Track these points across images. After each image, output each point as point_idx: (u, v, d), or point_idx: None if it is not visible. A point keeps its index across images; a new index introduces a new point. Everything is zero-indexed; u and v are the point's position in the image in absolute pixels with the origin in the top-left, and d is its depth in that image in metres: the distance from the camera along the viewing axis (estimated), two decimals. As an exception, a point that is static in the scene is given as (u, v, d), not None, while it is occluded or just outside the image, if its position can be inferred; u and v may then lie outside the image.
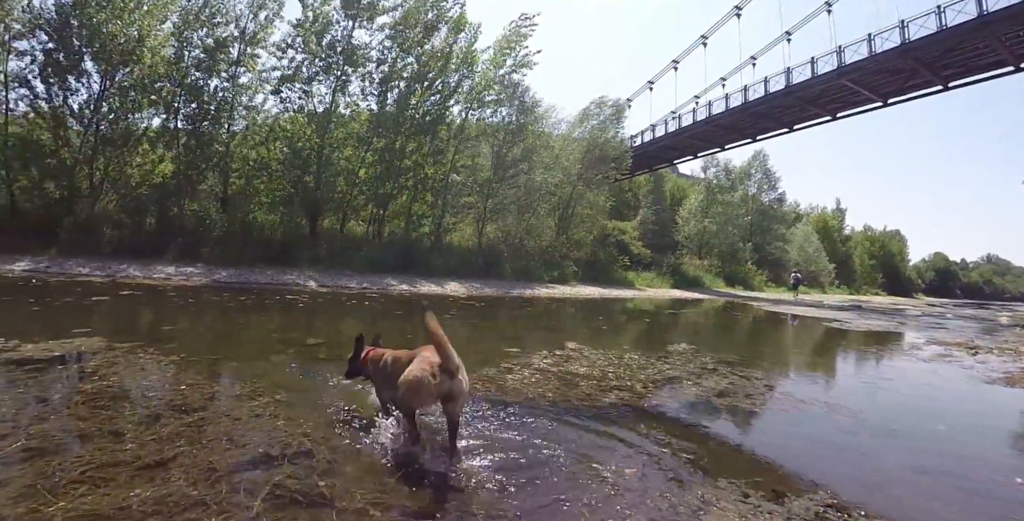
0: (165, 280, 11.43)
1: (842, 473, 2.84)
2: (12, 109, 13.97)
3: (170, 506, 1.88)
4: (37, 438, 2.42)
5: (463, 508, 2.04)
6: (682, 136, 30.94)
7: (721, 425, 3.64)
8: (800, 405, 4.27)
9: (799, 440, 3.45)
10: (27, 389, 3.17)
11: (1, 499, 1.88)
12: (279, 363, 4.46)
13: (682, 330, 10.87)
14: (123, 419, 2.73)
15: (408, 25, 17.63)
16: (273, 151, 17.06)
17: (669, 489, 2.35)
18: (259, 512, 1.88)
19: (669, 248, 34.05)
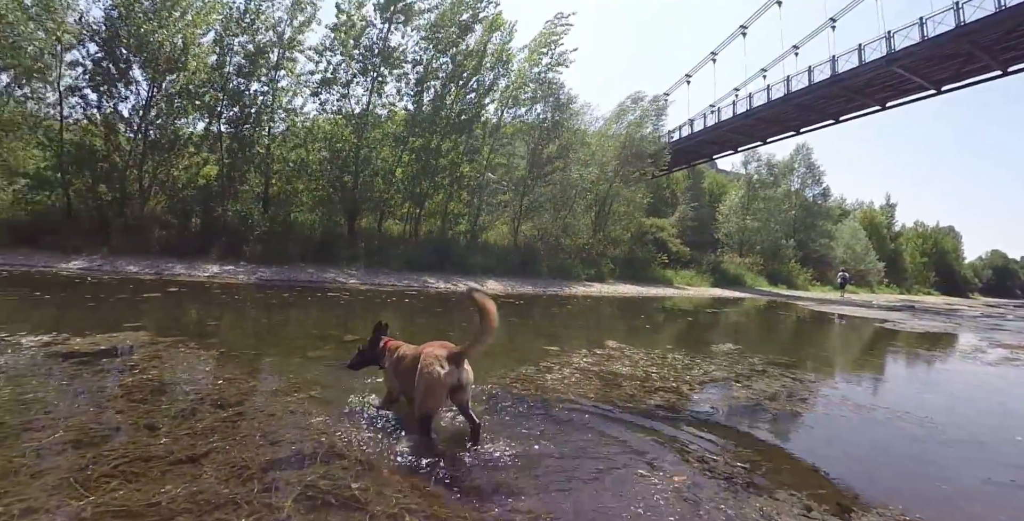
0: (210, 278, 11.72)
1: (913, 486, 2.60)
2: (67, 117, 14.56)
3: (200, 504, 1.82)
4: (75, 430, 2.41)
5: (502, 516, 1.91)
6: (721, 130, 30.07)
7: (776, 431, 3.40)
8: (860, 410, 3.99)
9: (862, 448, 3.17)
10: (71, 382, 3.21)
11: (35, 491, 1.86)
12: (316, 358, 4.45)
13: (725, 330, 10.51)
14: (159, 413, 2.71)
15: (443, 25, 17.63)
16: (312, 152, 17.34)
17: (724, 500, 2.17)
18: (290, 513, 1.80)
19: (709, 245, 33.19)
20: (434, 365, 2.53)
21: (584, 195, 23.59)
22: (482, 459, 2.39)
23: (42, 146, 14.59)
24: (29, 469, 2.01)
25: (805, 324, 12.83)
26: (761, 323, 12.71)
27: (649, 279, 22.97)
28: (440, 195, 19.59)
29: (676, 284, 23.99)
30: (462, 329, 7.24)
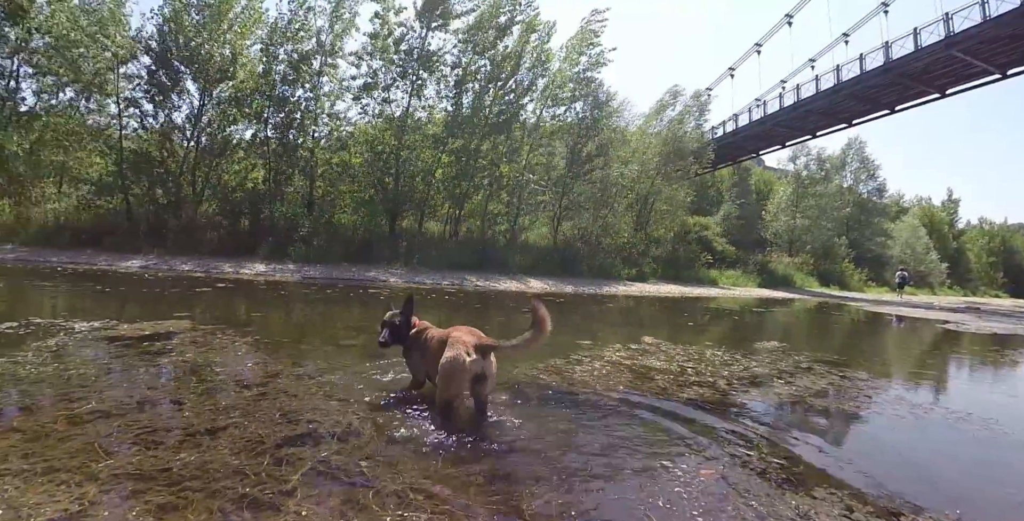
0: (257, 276, 12.11)
1: (975, 490, 2.37)
2: (125, 126, 15.46)
3: (209, 472, 1.83)
4: (107, 402, 2.50)
5: (510, 502, 1.83)
6: (767, 124, 28.90)
7: (819, 428, 3.15)
8: (916, 411, 3.66)
9: (916, 449, 2.92)
10: (111, 361, 3.35)
11: (59, 452, 1.93)
12: (348, 347, 4.50)
13: (771, 329, 10.07)
14: (187, 390, 2.79)
15: (481, 28, 17.75)
16: (354, 155, 17.74)
17: (755, 496, 2.01)
18: (296, 486, 1.78)
19: (755, 245, 32.08)
20: (460, 351, 2.50)
21: (625, 194, 23.23)
22: (501, 445, 2.33)
23: (103, 154, 15.52)
24: (59, 434, 2.10)
25: (859, 324, 12.16)
26: (810, 323, 12.15)
27: (692, 279, 22.37)
28: (480, 195, 19.70)
29: (721, 284, 23.29)
30: (500, 325, 7.23)
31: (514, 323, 7.76)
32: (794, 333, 9.74)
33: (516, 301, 11.11)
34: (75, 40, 14.19)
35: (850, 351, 7.12)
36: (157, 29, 15.03)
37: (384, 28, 16.73)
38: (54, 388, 2.68)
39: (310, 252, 14.81)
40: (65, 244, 13.58)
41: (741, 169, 38.60)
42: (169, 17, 14.70)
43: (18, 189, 15.86)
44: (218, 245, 14.67)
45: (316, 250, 14.93)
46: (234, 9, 15.13)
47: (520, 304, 10.48)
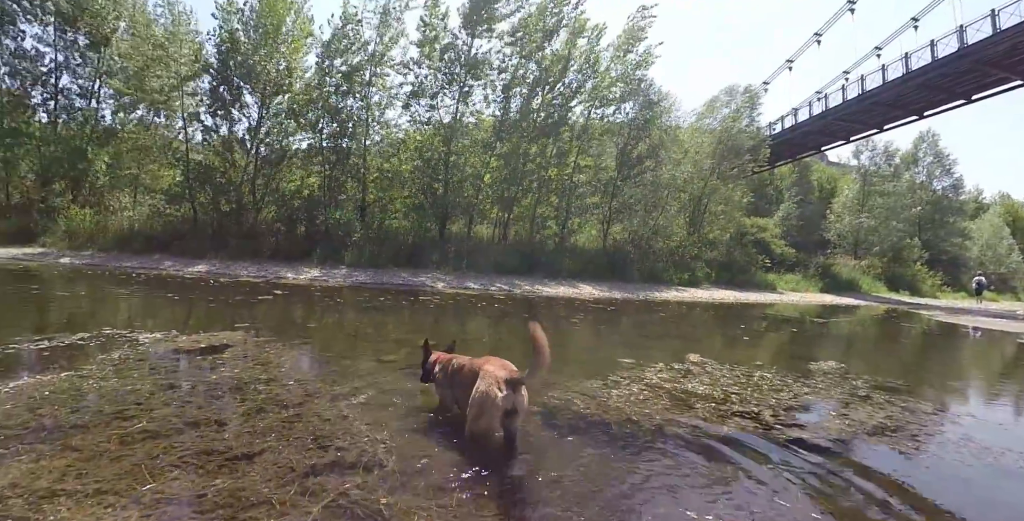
0: (312, 281, 12.58)
1: None
2: (191, 139, 16.50)
3: (240, 500, 1.95)
4: (156, 422, 2.68)
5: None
6: (829, 118, 27.36)
7: (867, 473, 2.85)
8: (984, 454, 3.25)
9: (977, 503, 2.60)
10: (165, 376, 3.59)
11: (109, 474, 2.10)
12: (387, 363, 4.60)
13: (830, 343, 9.53)
14: (230, 410, 2.94)
15: (527, 32, 17.78)
16: (404, 162, 18.15)
17: None
18: (315, 518, 1.85)
19: (817, 246, 30.60)
20: (492, 386, 2.54)
21: (677, 195, 22.73)
22: (528, 485, 2.33)
23: (172, 166, 16.55)
24: (110, 454, 2.28)
25: (930, 338, 11.34)
26: (874, 336, 11.46)
27: (749, 284, 21.59)
28: (528, 199, 19.74)
29: (779, 289, 22.37)
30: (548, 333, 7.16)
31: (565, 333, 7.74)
32: (855, 348, 9.24)
33: (566, 308, 11.09)
34: (147, 63, 15.26)
35: (916, 373, 6.67)
36: (216, 48, 15.95)
37: (430, 35, 17.04)
38: (111, 405, 2.90)
39: (362, 257, 15.25)
40: (138, 249, 14.59)
41: (802, 166, 37.00)
42: (225, 38, 15.54)
43: (98, 199, 17.20)
44: (276, 250, 15.37)
45: (367, 255, 15.35)
46: (285, 25, 15.77)
47: (570, 312, 10.45)
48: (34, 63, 17.17)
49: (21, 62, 17.00)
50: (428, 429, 2.88)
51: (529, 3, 18.01)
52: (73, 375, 3.41)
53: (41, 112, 18.04)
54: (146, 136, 17.33)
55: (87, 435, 2.46)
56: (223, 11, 15.52)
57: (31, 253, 13.95)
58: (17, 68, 17.04)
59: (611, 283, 17.23)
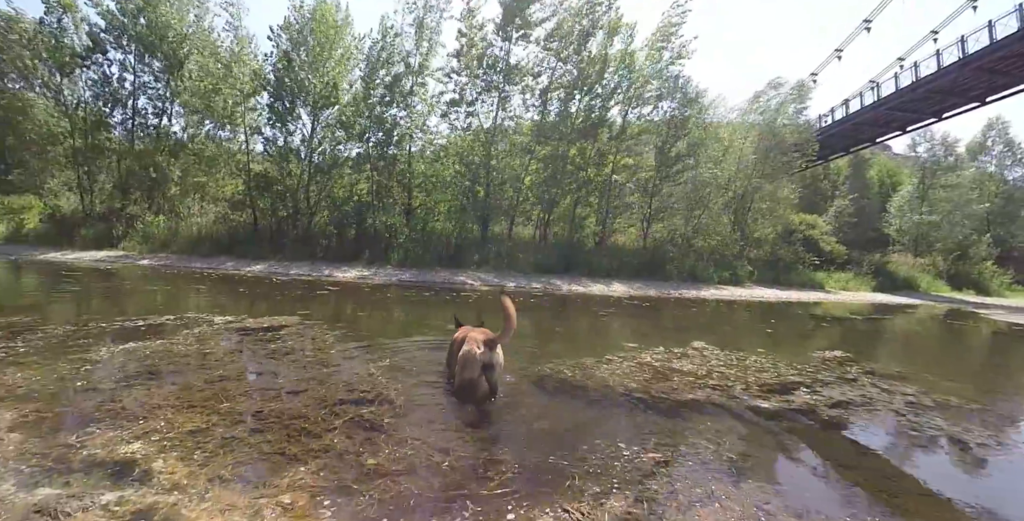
0: (359, 279, 13.69)
1: None
2: (251, 151, 18.23)
3: (285, 414, 2.87)
4: (229, 371, 3.68)
5: (475, 456, 2.64)
6: (882, 109, 26.49)
7: (800, 433, 3.41)
8: (905, 428, 3.78)
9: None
10: (235, 344, 4.64)
11: (197, 398, 3.12)
12: (417, 341, 5.47)
13: (856, 337, 9.64)
14: (284, 366, 3.89)
15: (562, 35, 18.44)
16: (447, 167, 19.17)
17: (684, 477, 2.58)
18: (337, 426, 2.71)
19: (872, 244, 29.71)
20: (473, 346, 3.38)
21: (721, 193, 22.76)
22: (496, 419, 3.12)
23: (235, 176, 18.21)
24: (197, 387, 3.36)
25: (996, 339, 10.98)
26: (910, 332, 11.45)
27: (794, 282, 21.45)
28: (568, 199, 20.39)
29: (827, 288, 22.05)
30: (570, 323, 7.87)
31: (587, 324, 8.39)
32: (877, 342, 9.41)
33: (600, 305, 11.68)
34: (215, 83, 16.99)
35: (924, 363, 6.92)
36: (272, 67, 17.50)
37: (467, 44, 18.01)
38: (196, 361, 3.91)
39: (407, 257, 16.37)
40: (206, 252, 16.25)
41: (858, 159, 35.82)
42: (280, 57, 17.07)
43: (171, 207, 19.10)
44: (328, 251, 16.76)
45: (412, 255, 16.45)
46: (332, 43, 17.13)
47: (601, 308, 11.03)
48: (116, 87, 19.25)
49: (106, 86, 19.12)
50: (432, 384, 3.73)
51: (564, 8, 18.62)
52: (166, 342, 4.50)
53: (120, 129, 20.13)
54: (212, 149, 19.11)
55: (180, 377, 3.47)
56: (277, 35, 17.05)
57: (114, 256, 15.76)
58: (102, 92, 19.17)
59: (648, 281, 17.67)
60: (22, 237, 18.62)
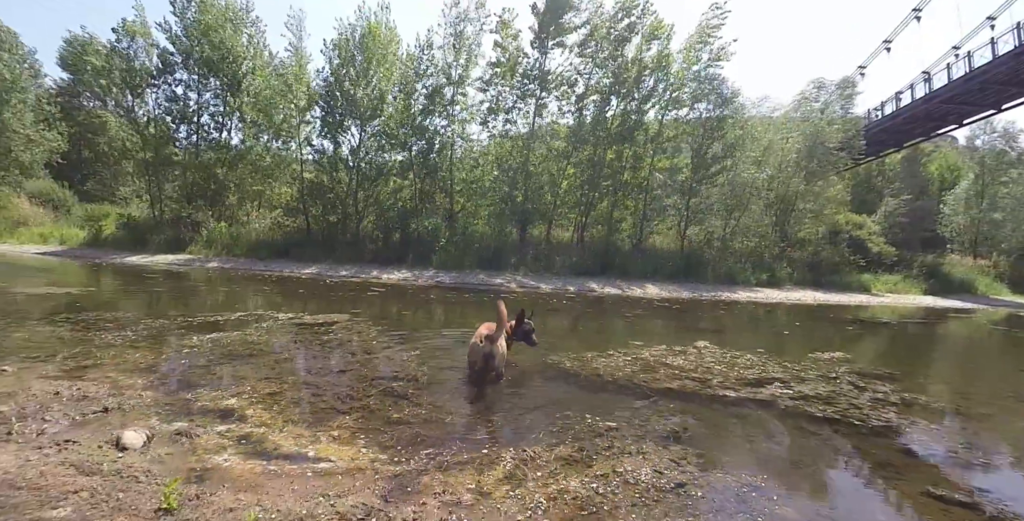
0: (403, 281, 14.86)
1: None
2: (304, 161, 19.81)
3: (331, 385, 3.86)
4: (292, 355, 4.68)
5: (472, 416, 3.56)
6: (933, 102, 25.67)
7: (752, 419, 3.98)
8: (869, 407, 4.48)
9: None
10: (295, 336, 5.68)
11: (271, 372, 4.10)
12: (447, 335, 6.44)
13: (875, 341, 10.02)
14: (334, 352, 4.96)
15: (597, 40, 19.13)
16: (486, 173, 20.24)
17: (623, 440, 3.43)
18: (372, 394, 3.71)
19: (928, 244, 28.94)
20: (476, 339, 4.27)
21: (763, 194, 22.81)
22: (496, 396, 4.06)
23: (289, 184, 19.84)
24: (267, 365, 4.34)
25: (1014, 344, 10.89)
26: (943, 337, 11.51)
27: (838, 285, 21.29)
28: (604, 203, 21.08)
29: (874, 290, 21.75)
30: (592, 323, 8.67)
31: (607, 324, 9.18)
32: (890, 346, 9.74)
33: (630, 306, 12.29)
34: (273, 100, 18.66)
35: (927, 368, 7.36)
36: (324, 81, 19.00)
37: (504, 54, 19.04)
38: (266, 347, 5.04)
39: (448, 260, 17.48)
40: (264, 255, 17.87)
41: (916, 153, 34.70)
42: (332, 71, 18.56)
43: (231, 213, 20.95)
44: (375, 254, 18.12)
45: (452, 258, 17.55)
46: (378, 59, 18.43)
47: (630, 309, 11.60)
48: (182, 105, 21.27)
49: (173, 104, 21.17)
50: (451, 368, 4.69)
51: (599, 14, 19.27)
52: (241, 333, 5.62)
53: (185, 143, 22.16)
54: (269, 160, 20.88)
55: (256, 359, 4.54)
56: (330, 50, 18.57)
57: (183, 259, 17.53)
58: (169, 109, 21.24)
59: (683, 284, 18.06)
60: (102, 242, 20.72)
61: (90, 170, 32.88)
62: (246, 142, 21.57)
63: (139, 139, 20.74)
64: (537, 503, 2.33)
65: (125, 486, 2.18)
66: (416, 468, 2.64)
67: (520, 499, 2.37)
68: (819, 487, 2.89)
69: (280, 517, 2.03)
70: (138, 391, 3.52)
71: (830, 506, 2.61)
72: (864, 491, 2.88)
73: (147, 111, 21.26)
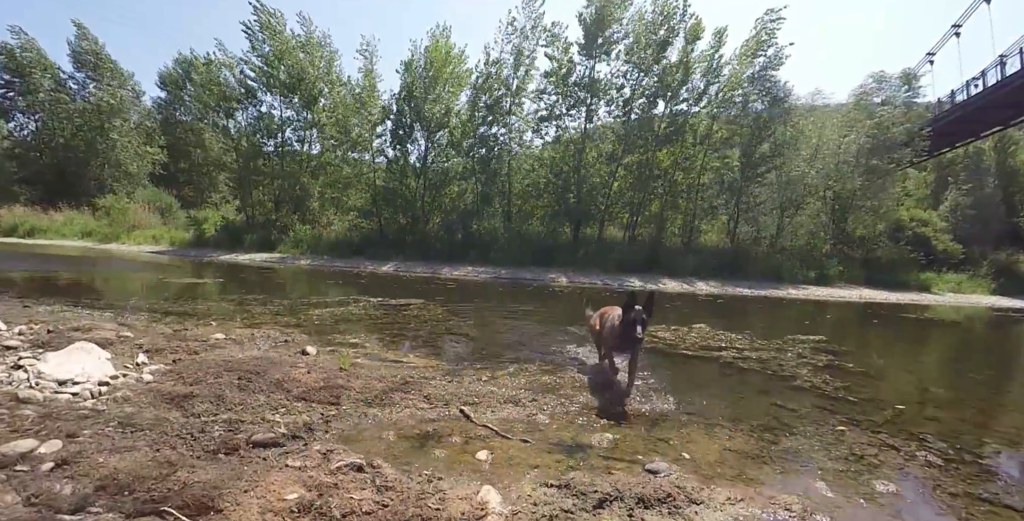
0: (464, 276, 17.30)
1: None
2: (377, 169, 22.73)
3: (414, 335, 6.16)
4: (384, 322, 7.08)
5: (478, 351, 5.80)
6: (1008, 89, 25.04)
7: (690, 366, 6.28)
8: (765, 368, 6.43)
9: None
10: (383, 312, 8.09)
11: (372, 328, 6.45)
12: (495, 310, 8.70)
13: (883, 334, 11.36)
14: (421, 328, 7.28)
15: (641, 47, 20.80)
16: (541, 177, 22.51)
17: (574, 372, 5.58)
18: (439, 338, 6.00)
19: (999, 241, 28.58)
20: (605, 318, 6.18)
21: (820, 192, 23.53)
22: (501, 345, 6.27)
23: (364, 190, 22.92)
24: (369, 325, 6.66)
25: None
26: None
27: (893, 283, 21.63)
28: (655, 204, 22.83)
29: (934, 290, 22.10)
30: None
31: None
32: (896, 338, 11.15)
33: (671, 300, 13.70)
34: (347, 114, 21.73)
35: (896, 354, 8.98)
36: (395, 98, 21.84)
37: (555, 66, 21.23)
38: (365, 318, 7.48)
39: (505, 257, 19.83)
40: (343, 254, 20.89)
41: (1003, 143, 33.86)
42: (404, 87, 21.35)
43: (313, 218, 24.31)
44: (440, 253, 20.78)
45: (509, 255, 19.89)
46: (446, 76, 21.06)
47: (670, 302, 13.10)
48: (268, 122, 24.83)
49: (260, 122, 24.77)
50: (502, 332, 6.91)
51: (642, 21, 20.88)
52: (345, 309, 8.11)
53: (272, 156, 25.69)
54: (346, 170, 24.12)
55: (361, 323, 6.95)
56: (404, 70, 21.43)
57: (275, 257, 20.79)
58: (258, 126, 24.84)
59: (728, 280, 19.24)
60: (204, 242, 24.46)
61: (187, 179, 37.76)
62: (325, 154, 24.94)
63: (234, 152, 24.47)
64: (522, 384, 4.51)
65: (320, 362, 4.55)
66: (459, 368, 4.90)
67: (514, 381, 4.58)
68: (714, 395, 4.84)
69: (392, 375, 4.34)
70: (297, 334, 5.97)
71: (716, 405, 4.57)
72: (741, 401, 4.75)
73: (239, 128, 24.99)
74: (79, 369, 3.61)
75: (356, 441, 2.98)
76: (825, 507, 2.60)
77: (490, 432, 3.26)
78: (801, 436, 3.68)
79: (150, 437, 2.70)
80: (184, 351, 4.58)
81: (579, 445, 3.20)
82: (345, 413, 3.40)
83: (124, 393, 3.38)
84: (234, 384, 3.62)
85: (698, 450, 3.26)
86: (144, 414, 3.04)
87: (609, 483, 2.54)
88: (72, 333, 4.69)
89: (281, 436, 2.83)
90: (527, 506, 2.29)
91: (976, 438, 3.92)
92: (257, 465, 2.45)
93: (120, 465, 2.29)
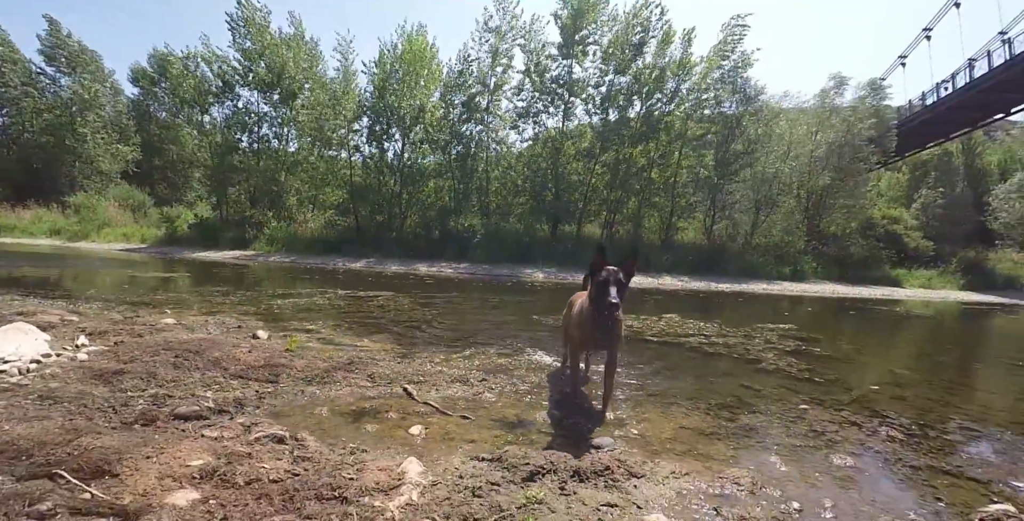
0: (440, 273, 17.19)
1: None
2: (353, 166, 22.54)
3: (376, 324, 6.05)
4: (350, 310, 6.94)
5: (451, 333, 5.73)
6: (973, 91, 25.90)
7: (657, 352, 6.28)
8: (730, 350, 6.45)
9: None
10: (355, 303, 7.96)
11: (337, 316, 6.32)
12: (453, 301, 8.62)
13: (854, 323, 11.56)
14: (379, 311, 7.19)
15: (617, 48, 20.98)
16: (519, 174, 22.45)
17: (536, 354, 5.53)
18: (398, 326, 5.90)
19: (967, 239, 29.30)
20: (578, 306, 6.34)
21: (790, 190, 23.92)
22: (480, 327, 6.19)
23: (340, 187, 22.65)
24: (333, 314, 6.57)
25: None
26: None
27: (865, 279, 22.09)
28: (632, 201, 22.91)
29: (905, 285, 22.56)
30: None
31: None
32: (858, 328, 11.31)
33: (650, 295, 13.73)
34: (323, 112, 21.48)
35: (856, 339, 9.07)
36: (371, 94, 21.65)
37: (532, 64, 21.22)
38: (342, 307, 7.36)
39: (483, 254, 19.75)
40: (318, 251, 20.60)
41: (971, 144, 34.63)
42: (377, 84, 21.21)
43: (289, 215, 23.96)
44: (418, 250, 20.60)
45: (487, 252, 19.82)
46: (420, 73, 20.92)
47: (648, 297, 13.28)
48: (244, 117, 24.47)
49: (235, 117, 24.40)
50: (469, 322, 6.83)
51: (618, 23, 21.17)
52: (309, 300, 7.97)
53: (247, 152, 25.31)
54: (322, 166, 23.80)
55: (325, 312, 6.82)
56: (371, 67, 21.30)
57: (247, 254, 20.49)
58: (232, 122, 24.46)
59: (704, 276, 19.46)
60: (176, 239, 24.04)
61: (160, 176, 37.09)
62: (302, 150, 24.62)
63: (207, 148, 24.06)
64: (475, 365, 4.44)
65: (267, 345, 4.43)
66: (412, 351, 4.83)
67: (468, 363, 4.51)
68: (674, 377, 4.80)
69: (339, 356, 4.24)
70: (252, 320, 5.84)
71: (677, 385, 4.54)
72: (703, 382, 4.72)
73: (214, 123, 24.59)
74: (12, 349, 3.51)
75: (286, 416, 2.89)
76: (777, 480, 2.52)
77: (430, 409, 3.17)
78: (761, 414, 3.61)
79: (67, 408, 2.61)
80: (128, 334, 4.46)
81: (522, 422, 3.12)
82: (282, 390, 3.30)
83: (53, 370, 3.29)
84: (169, 362, 3.52)
85: (651, 428, 3.17)
86: (68, 389, 2.94)
87: (544, 456, 2.45)
88: (15, 317, 4.55)
89: (207, 409, 2.73)
90: (451, 478, 2.20)
91: (940, 416, 3.88)
92: (171, 435, 2.35)
93: (25, 432, 2.20)
